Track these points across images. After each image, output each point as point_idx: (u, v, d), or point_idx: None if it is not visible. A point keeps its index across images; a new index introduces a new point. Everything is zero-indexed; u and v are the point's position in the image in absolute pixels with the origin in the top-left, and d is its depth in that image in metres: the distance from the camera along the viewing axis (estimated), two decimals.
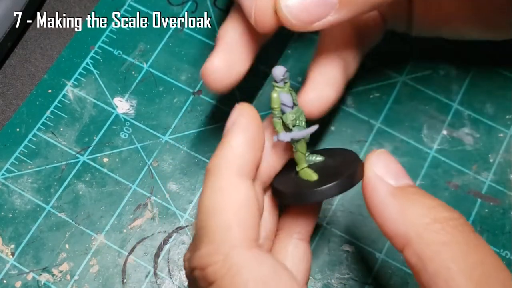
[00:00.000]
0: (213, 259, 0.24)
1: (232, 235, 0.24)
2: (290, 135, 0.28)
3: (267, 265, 0.24)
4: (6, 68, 0.42)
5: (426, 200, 0.26)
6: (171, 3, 0.43)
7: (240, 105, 0.28)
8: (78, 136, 0.39)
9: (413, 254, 0.25)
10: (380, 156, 0.27)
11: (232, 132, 0.27)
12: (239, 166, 0.26)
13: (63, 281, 0.36)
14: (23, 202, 0.38)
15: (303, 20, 0.28)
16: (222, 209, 0.25)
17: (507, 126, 0.40)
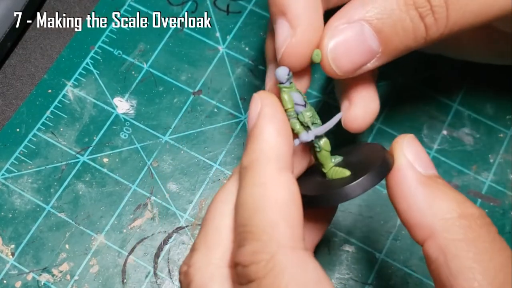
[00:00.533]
0: (258, 258, 0.23)
1: (279, 234, 0.23)
2: (313, 133, 0.27)
3: (310, 272, 0.23)
4: (6, 68, 0.42)
5: (454, 194, 0.25)
6: (171, 3, 0.43)
7: (259, 94, 0.26)
8: (78, 136, 0.39)
9: (436, 248, 0.24)
10: (410, 142, 0.26)
11: (261, 123, 0.26)
12: (278, 158, 0.25)
13: (63, 281, 0.36)
14: (23, 202, 0.38)
15: (346, 70, 0.28)
16: (267, 206, 0.24)
17: (507, 126, 0.40)
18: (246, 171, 0.25)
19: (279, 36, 0.28)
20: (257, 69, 0.41)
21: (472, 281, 0.23)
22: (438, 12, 0.27)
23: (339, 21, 0.27)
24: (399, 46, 0.28)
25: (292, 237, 0.23)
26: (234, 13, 0.43)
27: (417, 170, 0.26)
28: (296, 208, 0.24)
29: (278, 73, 0.27)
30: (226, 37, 0.42)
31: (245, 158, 0.25)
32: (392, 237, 0.37)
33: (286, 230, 0.23)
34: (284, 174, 0.25)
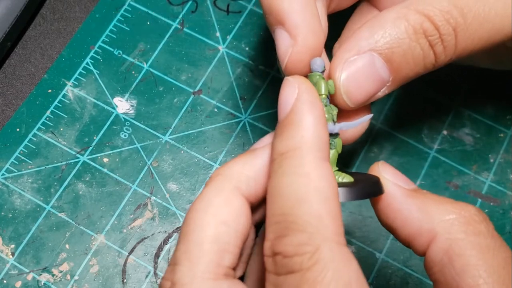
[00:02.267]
0: (303, 249, 0.23)
1: (324, 226, 0.23)
2: (339, 126, 0.27)
3: (353, 268, 0.23)
4: (6, 68, 0.42)
5: (444, 198, 0.26)
6: (171, 3, 0.43)
7: (295, 78, 0.25)
8: (78, 136, 0.39)
9: (440, 250, 0.24)
10: (385, 165, 0.27)
11: (300, 110, 0.24)
12: (319, 148, 0.24)
13: (63, 281, 0.36)
14: (23, 202, 0.38)
15: (358, 102, 0.28)
16: (310, 197, 0.23)
17: (507, 126, 0.40)
18: (284, 158, 0.24)
19: (280, 46, 0.27)
20: (257, 69, 0.41)
21: (478, 279, 0.23)
22: (447, 40, 0.27)
23: (349, 53, 0.27)
24: (409, 73, 0.28)
25: (336, 231, 0.23)
26: (234, 13, 0.43)
27: (401, 187, 0.26)
28: (337, 201, 0.24)
29: (316, 63, 0.27)
30: (226, 37, 0.42)
31: (282, 144, 0.24)
32: (392, 237, 0.37)
33: (330, 223, 0.23)
34: (326, 165, 0.24)
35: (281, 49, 0.27)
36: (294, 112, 0.25)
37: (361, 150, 0.39)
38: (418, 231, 0.25)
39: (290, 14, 0.27)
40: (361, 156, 0.39)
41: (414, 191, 0.26)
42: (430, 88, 0.41)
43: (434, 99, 0.41)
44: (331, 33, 0.34)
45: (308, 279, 0.22)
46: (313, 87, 0.25)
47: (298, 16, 0.27)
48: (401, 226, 0.26)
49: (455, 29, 0.27)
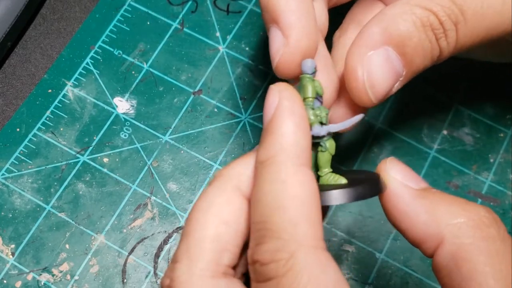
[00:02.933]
0: (278, 256, 0.23)
1: (300, 232, 0.23)
2: (327, 128, 0.26)
3: (330, 273, 0.23)
4: (6, 68, 0.42)
5: (454, 198, 0.25)
6: (171, 3, 0.43)
7: (277, 86, 0.26)
8: (78, 136, 0.39)
9: (447, 254, 0.24)
10: (393, 163, 0.26)
11: (279, 117, 0.25)
12: (297, 154, 0.24)
13: (63, 281, 0.36)
14: (23, 202, 0.38)
15: (381, 97, 0.28)
16: (287, 204, 0.23)
17: (507, 126, 0.40)
18: (264, 166, 0.24)
19: (273, 44, 0.28)
20: (257, 69, 0.41)
21: (484, 285, 0.22)
22: (450, 36, 0.27)
23: (365, 49, 0.27)
24: (420, 66, 0.28)
25: (313, 236, 0.23)
26: (234, 13, 0.43)
27: (409, 187, 0.26)
28: (316, 206, 0.24)
29: (306, 65, 0.26)
30: (226, 37, 0.42)
31: (262, 152, 0.25)
32: (392, 237, 0.37)
33: (307, 229, 0.23)
34: (304, 171, 0.24)
35: (273, 48, 0.27)
36: (274, 120, 0.25)
37: (361, 150, 0.39)
38: (425, 234, 0.25)
39: (285, 13, 0.27)
40: (361, 156, 0.39)
41: (423, 191, 0.26)
42: (430, 87, 0.41)
43: (434, 99, 0.41)
44: (333, 28, 0.35)
45: (283, 286, 0.22)
46: (294, 94, 0.25)
47: (292, 16, 0.27)
48: (408, 228, 0.25)
49: (456, 25, 0.27)
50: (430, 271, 0.37)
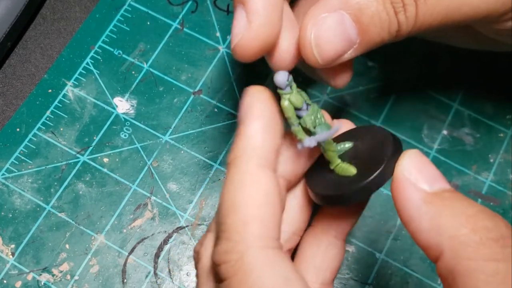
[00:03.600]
0: (228, 257, 0.23)
1: (249, 233, 0.23)
2: (315, 139, 0.26)
3: (279, 271, 0.23)
4: (6, 68, 0.42)
5: (464, 207, 0.23)
6: (171, 3, 0.43)
7: (251, 89, 0.26)
8: (78, 136, 0.39)
9: (446, 269, 0.22)
10: (412, 158, 0.25)
11: (247, 119, 0.25)
12: (259, 156, 0.24)
13: (63, 281, 0.36)
14: (23, 202, 0.38)
15: (328, 59, 0.27)
16: (242, 205, 0.23)
17: (507, 126, 0.40)
18: (229, 167, 0.25)
19: (236, 25, 0.27)
20: (257, 69, 0.41)
21: None
22: (409, 11, 0.27)
23: (320, 11, 0.27)
24: (375, 38, 0.27)
25: (263, 236, 0.23)
26: None
27: (420, 189, 0.24)
28: (271, 207, 0.24)
29: (277, 79, 0.26)
30: (226, 37, 0.42)
31: (230, 153, 0.25)
32: (392, 237, 0.37)
33: (257, 229, 0.23)
34: (263, 171, 0.24)
35: (235, 29, 0.27)
36: (243, 122, 0.25)
37: None
38: (427, 243, 0.23)
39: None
40: None
41: (433, 195, 0.24)
42: (430, 88, 0.41)
43: (434, 99, 0.41)
44: None
45: (233, 286, 0.23)
46: (267, 97, 0.25)
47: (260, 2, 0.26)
48: (413, 232, 0.24)
49: (416, 1, 0.27)
50: (430, 271, 0.37)
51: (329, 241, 0.30)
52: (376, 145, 0.27)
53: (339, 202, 0.27)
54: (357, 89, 0.41)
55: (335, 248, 0.30)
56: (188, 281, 0.36)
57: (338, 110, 0.40)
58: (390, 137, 0.27)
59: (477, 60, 0.42)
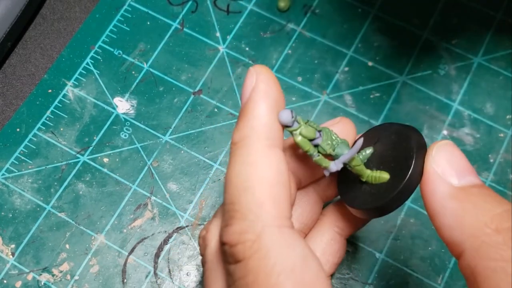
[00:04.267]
0: (245, 237, 0.23)
1: (265, 212, 0.23)
2: (341, 161, 0.26)
3: (297, 250, 0.23)
4: (6, 68, 0.42)
5: (490, 204, 0.22)
6: (171, 3, 0.43)
7: (255, 68, 0.25)
8: (78, 136, 0.39)
9: (467, 268, 0.22)
10: (442, 149, 0.24)
11: (253, 99, 0.25)
12: (268, 136, 0.24)
13: (63, 281, 0.36)
14: (23, 202, 0.38)
15: None
16: (254, 185, 0.23)
17: (507, 126, 0.40)
18: (236, 147, 0.24)
19: None
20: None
21: None
22: None
23: None
24: None
25: (278, 216, 0.23)
26: (234, 13, 0.43)
27: (447, 183, 0.23)
28: (284, 186, 0.24)
29: (282, 119, 0.25)
30: (226, 37, 0.42)
31: (235, 134, 0.25)
32: (392, 237, 0.37)
33: (272, 209, 0.23)
34: (273, 152, 0.24)
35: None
36: (248, 103, 0.25)
37: None
38: (449, 240, 0.23)
39: None
40: None
41: (460, 190, 0.23)
42: (430, 87, 0.41)
43: (434, 99, 0.41)
44: None
45: (251, 268, 0.22)
46: (271, 77, 0.25)
47: None
48: (438, 228, 0.24)
49: None
50: (430, 270, 0.37)
51: (332, 235, 0.30)
52: (396, 142, 0.26)
53: (384, 211, 0.26)
54: (357, 89, 0.41)
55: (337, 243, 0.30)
56: (188, 281, 0.36)
57: (338, 110, 0.40)
58: (407, 129, 0.26)
59: (477, 59, 0.42)
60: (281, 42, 0.42)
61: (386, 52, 0.42)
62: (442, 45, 0.42)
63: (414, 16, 0.43)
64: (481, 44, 0.42)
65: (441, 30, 0.43)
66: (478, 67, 0.42)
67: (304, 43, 0.42)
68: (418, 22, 0.43)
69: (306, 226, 0.30)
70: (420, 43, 0.42)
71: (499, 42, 0.42)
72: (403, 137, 0.26)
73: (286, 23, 0.43)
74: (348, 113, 0.40)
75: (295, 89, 0.41)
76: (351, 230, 0.30)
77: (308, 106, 0.40)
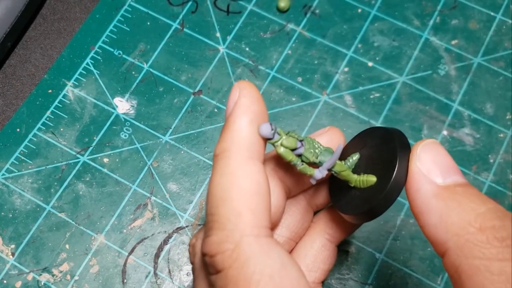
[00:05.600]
0: (223, 247, 0.23)
1: (243, 223, 0.23)
2: (325, 168, 0.26)
3: (275, 258, 0.23)
4: (6, 68, 0.42)
5: (475, 203, 0.22)
6: (171, 3, 0.43)
7: (238, 84, 0.26)
8: (78, 136, 0.39)
9: (451, 266, 0.22)
10: (427, 148, 0.24)
11: (235, 113, 0.25)
12: (248, 148, 0.25)
13: (63, 281, 0.36)
14: (23, 202, 0.38)
15: None
16: (233, 195, 0.24)
17: (507, 126, 0.40)
18: (218, 159, 0.25)
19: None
20: (257, 69, 0.41)
21: None
22: None
23: None
24: None
25: (256, 225, 0.23)
26: (234, 13, 0.43)
27: (431, 182, 0.23)
28: (262, 196, 0.24)
29: (262, 132, 0.25)
30: (226, 37, 0.42)
31: (217, 146, 0.25)
32: (392, 237, 0.37)
33: (250, 218, 0.23)
34: (252, 163, 0.25)
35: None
36: (231, 116, 0.26)
37: None
38: (434, 238, 0.23)
39: None
40: None
41: (445, 189, 0.23)
42: (430, 87, 0.41)
43: (434, 99, 0.41)
44: None
45: (231, 277, 0.23)
46: (254, 92, 0.26)
47: None
48: (422, 227, 0.24)
49: None
50: (429, 271, 0.37)
51: (322, 242, 0.30)
52: (380, 145, 0.27)
53: (375, 214, 0.26)
54: (357, 89, 0.41)
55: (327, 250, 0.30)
56: (188, 281, 0.36)
57: (338, 110, 0.40)
58: (390, 132, 0.26)
59: (477, 59, 0.42)
60: (281, 43, 0.42)
61: (386, 52, 0.42)
62: (442, 45, 0.42)
63: (414, 16, 0.43)
64: (481, 44, 0.42)
65: (441, 30, 0.43)
66: (478, 67, 0.42)
67: (304, 43, 0.42)
68: (418, 22, 0.43)
69: (297, 235, 0.30)
70: (420, 43, 0.42)
71: (499, 42, 0.42)
72: (386, 140, 0.26)
73: (286, 24, 0.43)
74: (348, 113, 0.40)
75: (295, 89, 0.41)
76: (341, 236, 0.31)
77: (308, 107, 0.40)
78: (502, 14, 0.43)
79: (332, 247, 0.30)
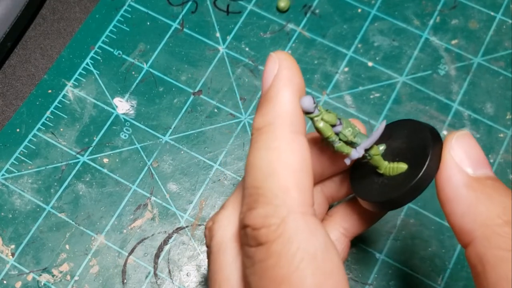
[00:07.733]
0: (269, 222, 0.23)
1: (291, 198, 0.23)
2: (362, 147, 0.26)
3: (319, 238, 0.23)
4: (6, 68, 0.42)
5: (503, 197, 0.23)
6: (171, 3, 0.43)
7: (277, 54, 0.25)
8: (78, 136, 0.39)
9: (476, 256, 0.23)
10: (461, 139, 0.25)
11: (277, 86, 0.25)
12: (293, 123, 0.24)
13: (63, 282, 0.36)
14: (23, 202, 0.38)
15: None
16: (279, 170, 0.23)
17: (507, 126, 0.40)
18: (260, 133, 0.25)
19: None
20: (257, 69, 0.41)
21: None
22: None
23: None
24: None
25: (302, 202, 0.23)
26: (234, 13, 0.43)
27: (463, 171, 0.24)
28: (308, 174, 0.24)
29: (304, 104, 0.25)
30: (226, 37, 0.42)
31: (259, 119, 0.25)
32: (392, 237, 0.37)
33: (297, 195, 0.23)
34: (298, 138, 0.24)
35: None
36: (272, 88, 0.25)
37: None
38: (460, 227, 0.23)
39: None
40: None
41: (476, 180, 0.24)
42: (430, 87, 0.41)
43: (434, 99, 0.41)
44: None
45: (273, 252, 0.22)
46: (293, 64, 0.25)
47: None
48: (448, 215, 0.24)
49: None
50: (430, 271, 0.37)
51: (337, 236, 0.30)
52: (410, 135, 0.27)
53: (402, 202, 0.26)
54: (357, 89, 0.41)
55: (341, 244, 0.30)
56: (188, 281, 0.36)
57: (338, 110, 0.40)
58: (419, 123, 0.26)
59: (477, 59, 0.42)
60: (281, 42, 0.42)
61: (386, 52, 0.42)
62: (442, 45, 0.42)
63: (414, 16, 0.43)
64: (481, 44, 0.42)
65: (441, 30, 0.43)
66: (478, 67, 0.42)
67: (304, 43, 0.42)
68: (418, 22, 0.43)
69: None
70: (420, 43, 0.42)
71: (499, 42, 0.42)
72: (417, 130, 0.26)
73: (286, 23, 0.43)
74: (348, 113, 0.40)
75: None
76: (356, 231, 0.30)
77: None
78: (502, 14, 0.43)
79: (346, 241, 0.30)
